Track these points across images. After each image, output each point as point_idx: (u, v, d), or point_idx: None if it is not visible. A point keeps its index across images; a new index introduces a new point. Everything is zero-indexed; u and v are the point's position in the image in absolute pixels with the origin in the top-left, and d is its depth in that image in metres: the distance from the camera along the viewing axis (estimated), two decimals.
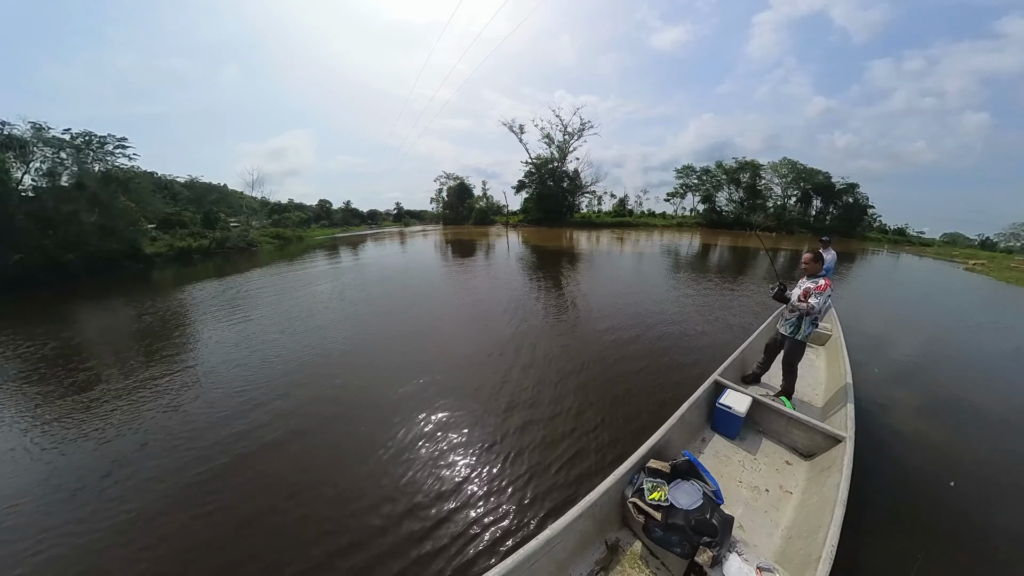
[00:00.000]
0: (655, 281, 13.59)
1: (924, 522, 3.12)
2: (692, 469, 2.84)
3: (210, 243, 25.60)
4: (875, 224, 57.69)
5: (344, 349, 6.98)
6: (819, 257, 4.07)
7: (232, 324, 8.65)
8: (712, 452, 3.53)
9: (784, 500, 2.96)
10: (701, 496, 2.56)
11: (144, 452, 4.09)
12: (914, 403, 5.19)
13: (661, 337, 7.38)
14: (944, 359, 7.10)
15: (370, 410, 4.87)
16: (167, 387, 5.57)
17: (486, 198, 65.24)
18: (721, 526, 2.35)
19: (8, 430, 4.57)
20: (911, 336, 8.38)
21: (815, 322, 4.11)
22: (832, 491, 2.59)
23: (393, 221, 70.61)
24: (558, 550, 2.28)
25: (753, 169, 54.06)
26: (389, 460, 3.86)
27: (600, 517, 2.60)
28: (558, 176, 55.07)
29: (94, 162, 20.48)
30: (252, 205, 44.46)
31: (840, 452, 3.01)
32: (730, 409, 3.62)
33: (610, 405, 4.85)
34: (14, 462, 3.98)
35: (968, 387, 5.71)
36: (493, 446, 4.05)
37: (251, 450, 4.08)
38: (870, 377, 5.81)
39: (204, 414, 4.81)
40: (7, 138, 17.57)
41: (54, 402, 5.24)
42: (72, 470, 3.83)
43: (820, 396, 4.54)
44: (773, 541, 2.59)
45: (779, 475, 3.25)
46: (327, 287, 12.79)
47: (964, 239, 71.59)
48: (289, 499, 3.39)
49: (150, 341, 7.70)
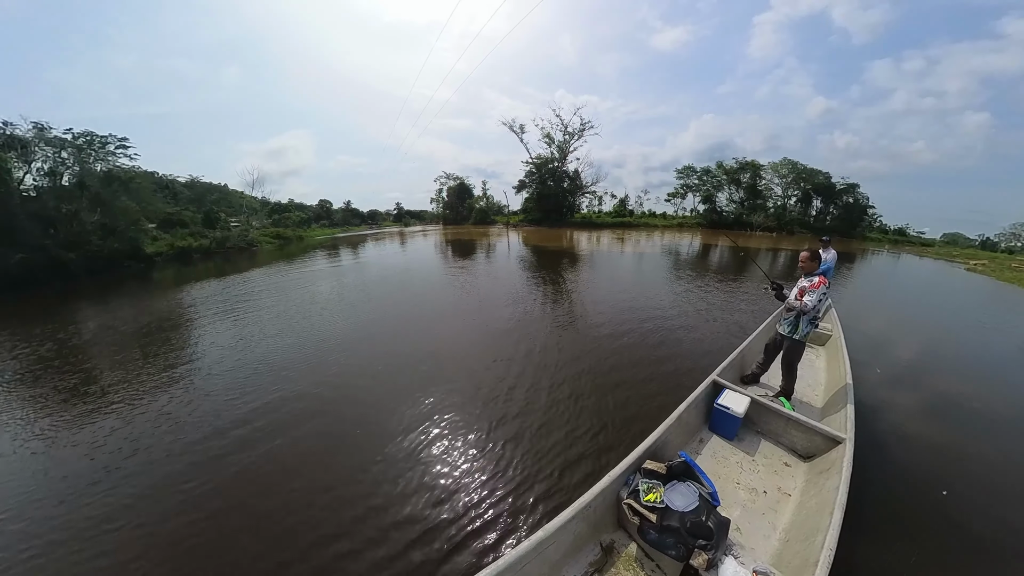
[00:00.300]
0: (655, 282, 13.58)
1: (925, 526, 3.08)
2: (688, 470, 2.82)
3: (210, 243, 25.64)
4: (875, 224, 57.60)
5: (343, 351, 6.97)
6: (815, 256, 4.08)
7: (229, 326, 8.66)
8: (710, 453, 3.51)
9: (782, 502, 2.94)
10: (697, 498, 2.54)
11: (134, 458, 4.08)
12: (916, 404, 5.16)
13: (660, 338, 7.36)
14: (946, 360, 7.06)
15: (368, 410, 4.86)
16: (160, 392, 5.55)
17: (486, 198, 65.32)
18: (717, 529, 2.33)
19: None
20: (913, 336, 8.35)
21: (813, 321, 4.12)
22: (831, 493, 2.57)
23: (393, 221, 70.63)
24: (551, 551, 2.26)
25: (753, 169, 54.01)
26: (386, 461, 3.84)
27: (594, 518, 2.57)
28: (559, 176, 55.06)
29: (95, 162, 20.48)
30: (252, 205, 44.52)
31: (839, 454, 2.99)
32: (728, 410, 3.61)
33: (611, 408, 4.82)
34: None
35: (970, 388, 5.67)
36: (490, 447, 4.03)
37: (247, 457, 4.06)
38: (871, 378, 5.79)
39: (195, 421, 4.78)
40: (9, 138, 17.60)
41: (50, 404, 5.24)
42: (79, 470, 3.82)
43: (820, 397, 4.52)
44: (770, 544, 2.57)
45: (777, 477, 3.23)
46: (325, 288, 12.80)
47: (965, 239, 71.55)
48: (282, 503, 3.38)
49: (147, 343, 7.70)
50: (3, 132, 17.52)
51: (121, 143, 21.36)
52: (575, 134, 54.36)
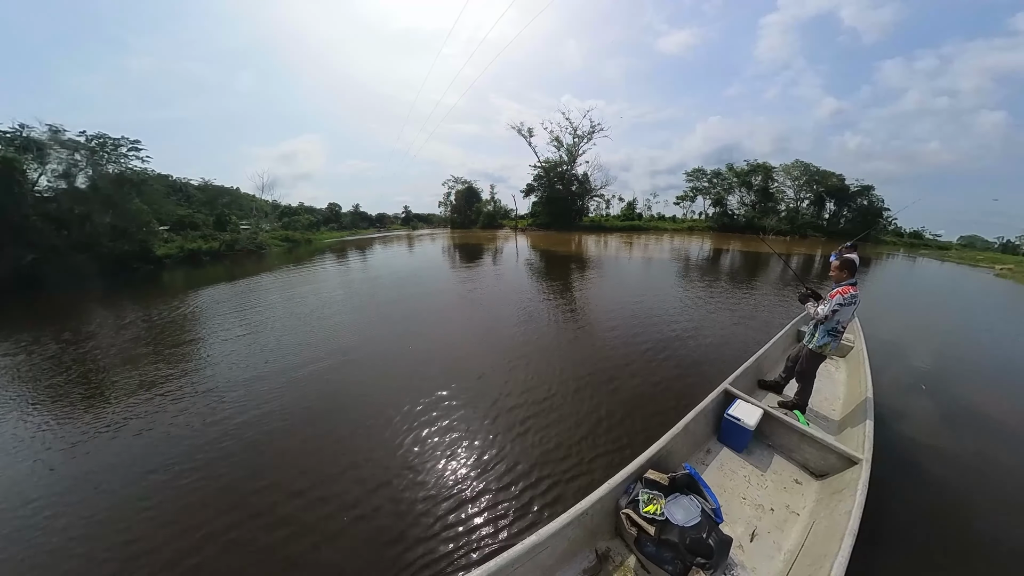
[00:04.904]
0: (665, 287, 13.37)
1: (947, 565, 2.79)
2: (692, 484, 2.68)
3: (220, 245, 25.83)
4: (891, 227, 56.43)
5: (354, 354, 6.94)
6: (845, 264, 3.80)
7: (237, 331, 8.68)
8: (717, 465, 3.35)
9: (790, 521, 2.77)
10: (699, 513, 2.40)
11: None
12: (944, 424, 4.75)
13: (671, 345, 7.19)
14: (982, 375, 6.51)
15: (371, 408, 4.81)
16: (163, 402, 5.53)
17: (494, 202, 65.24)
18: (717, 547, 2.20)
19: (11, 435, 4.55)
20: (947, 350, 7.68)
21: (834, 333, 3.80)
22: (843, 518, 2.38)
23: (401, 224, 70.78)
24: (544, 556, 2.19)
25: (765, 171, 53.26)
26: (387, 459, 3.78)
27: (591, 525, 2.48)
28: (567, 179, 54.83)
29: (108, 164, 20.75)
30: (264, 208, 44.90)
31: (855, 475, 2.79)
32: (739, 421, 3.44)
33: (615, 412, 4.71)
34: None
35: (1011, 409, 5.19)
36: (492, 451, 3.97)
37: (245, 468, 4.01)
38: (901, 393, 5.45)
39: (192, 431, 4.76)
40: (26, 140, 17.92)
41: (66, 403, 5.25)
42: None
43: (837, 411, 4.28)
44: (774, 565, 2.41)
45: (787, 494, 3.05)
46: (335, 292, 12.85)
47: (983, 242, 70.02)
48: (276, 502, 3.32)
49: (153, 346, 7.75)
50: (19, 135, 17.85)
51: (133, 145, 21.60)
52: (584, 136, 54.19)
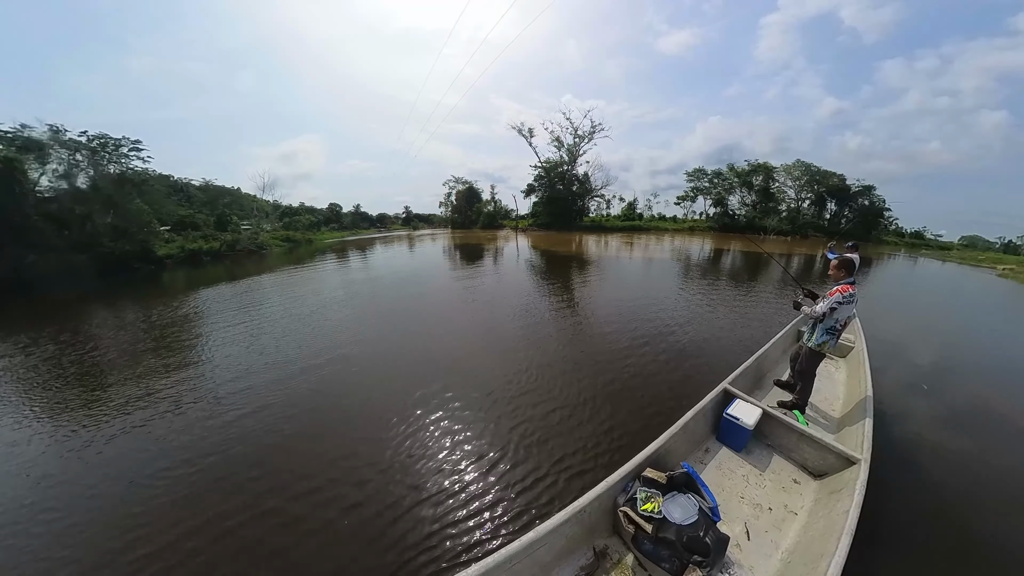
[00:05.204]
0: (666, 287, 13.35)
1: (947, 565, 2.78)
2: (690, 482, 2.68)
3: (220, 245, 25.83)
4: (891, 227, 56.32)
5: (356, 358, 6.94)
6: (843, 264, 3.81)
7: (237, 332, 8.69)
8: (715, 464, 3.35)
9: (787, 521, 2.77)
10: (696, 512, 2.40)
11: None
12: (945, 424, 4.73)
13: (670, 345, 7.19)
14: (983, 375, 6.48)
15: (375, 407, 4.84)
16: (157, 405, 5.52)
17: (494, 202, 65.22)
18: (714, 546, 2.20)
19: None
20: (948, 350, 7.61)
21: (832, 332, 3.81)
22: (841, 517, 2.39)
23: (402, 224, 70.77)
24: (542, 553, 2.20)
25: (766, 172, 53.17)
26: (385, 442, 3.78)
27: (589, 523, 2.49)
28: (568, 179, 54.79)
29: (109, 164, 20.76)
30: (264, 208, 44.93)
31: (853, 475, 2.80)
32: (738, 420, 3.44)
33: (614, 411, 4.72)
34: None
35: (1012, 409, 5.15)
36: (492, 451, 3.98)
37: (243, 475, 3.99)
38: (902, 393, 5.44)
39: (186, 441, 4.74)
40: (27, 140, 17.93)
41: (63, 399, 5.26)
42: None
43: (837, 411, 4.27)
44: (771, 564, 2.41)
45: (785, 493, 3.05)
46: (336, 292, 12.89)
47: (984, 242, 69.96)
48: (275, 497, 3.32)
49: (153, 347, 7.76)
50: (20, 135, 17.86)
51: (134, 145, 21.62)
52: (585, 137, 54.16)
